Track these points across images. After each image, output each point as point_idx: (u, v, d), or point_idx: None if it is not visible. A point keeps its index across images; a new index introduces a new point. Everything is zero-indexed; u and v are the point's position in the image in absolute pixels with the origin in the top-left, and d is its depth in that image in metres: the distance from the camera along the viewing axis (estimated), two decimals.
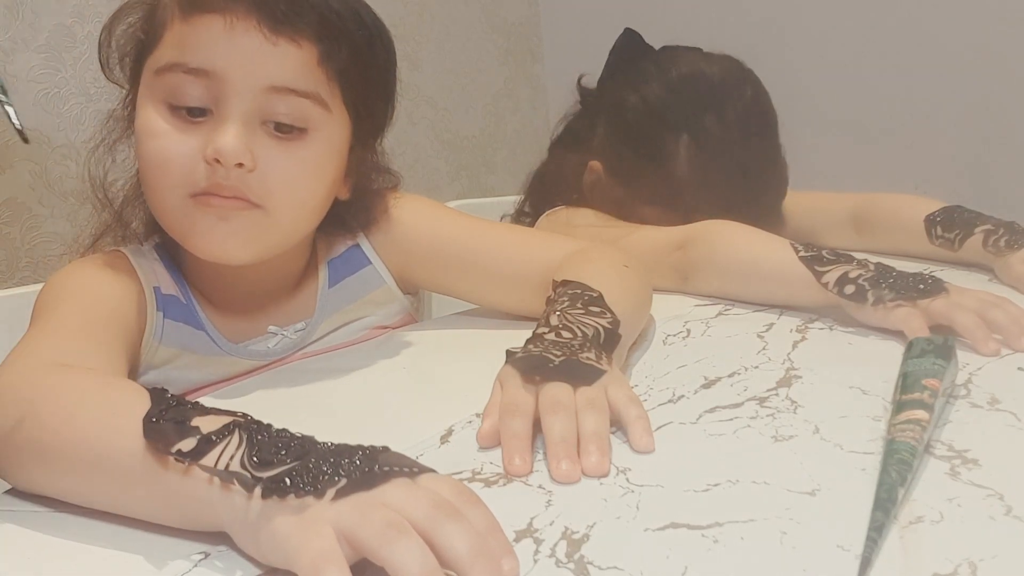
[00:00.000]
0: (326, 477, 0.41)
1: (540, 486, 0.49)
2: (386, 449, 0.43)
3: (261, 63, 0.65)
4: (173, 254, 0.76)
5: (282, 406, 0.67)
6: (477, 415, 0.59)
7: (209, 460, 0.42)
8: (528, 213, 1.16)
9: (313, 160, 0.69)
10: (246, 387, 0.71)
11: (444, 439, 0.57)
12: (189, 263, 0.76)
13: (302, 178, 0.69)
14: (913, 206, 1.03)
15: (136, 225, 0.76)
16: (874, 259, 0.79)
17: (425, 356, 0.79)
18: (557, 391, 0.55)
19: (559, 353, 0.58)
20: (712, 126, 1.03)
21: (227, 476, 0.42)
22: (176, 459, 0.43)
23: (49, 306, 0.66)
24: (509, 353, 0.59)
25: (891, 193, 1.11)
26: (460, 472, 0.51)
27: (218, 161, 0.64)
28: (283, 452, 0.42)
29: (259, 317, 0.78)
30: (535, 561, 0.42)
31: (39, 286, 0.71)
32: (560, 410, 0.53)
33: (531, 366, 0.57)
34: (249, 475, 0.41)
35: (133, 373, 0.71)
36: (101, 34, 0.71)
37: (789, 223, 1.14)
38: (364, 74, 0.72)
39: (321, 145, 0.69)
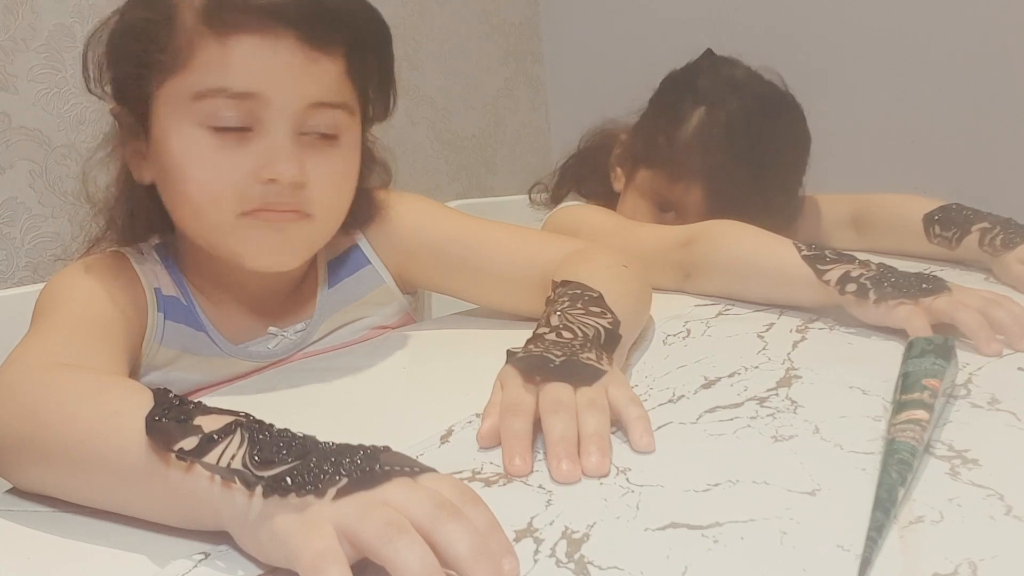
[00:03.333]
0: (327, 476, 0.41)
1: (540, 486, 0.49)
2: (387, 448, 0.43)
3: (303, 81, 0.66)
4: (174, 256, 0.76)
5: (282, 406, 0.67)
6: (477, 415, 0.59)
7: (211, 459, 0.43)
8: (557, 194, 1.19)
9: (348, 164, 0.72)
10: (246, 387, 0.71)
11: (444, 439, 0.57)
12: (191, 265, 0.76)
13: (342, 184, 0.72)
14: (911, 205, 1.03)
15: (127, 229, 0.75)
16: (876, 259, 0.79)
17: (425, 356, 0.79)
18: (558, 391, 0.55)
19: (560, 353, 0.58)
20: (732, 109, 1.04)
21: (228, 474, 0.42)
22: (178, 457, 0.43)
23: (50, 307, 0.66)
24: (510, 353, 0.59)
25: (890, 193, 1.11)
26: (460, 472, 0.51)
27: (273, 180, 0.66)
28: (284, 451, 0.42)
29: (259, 318, 0.78)
30: (535, 561, 0.42)
31: (39, 286, 0.71)
32: (561, 410, 0.53)
33: (532, 366, 0.57)
34: (250, 474, 0.41)
35: (134, 374, 0.71)
36: (88, 47, 0.69)
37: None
38: (381, 75, 0.74)
39: (350, 149, 0.72)
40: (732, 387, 0.63)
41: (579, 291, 0.67)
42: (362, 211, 0.80)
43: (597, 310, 0.65)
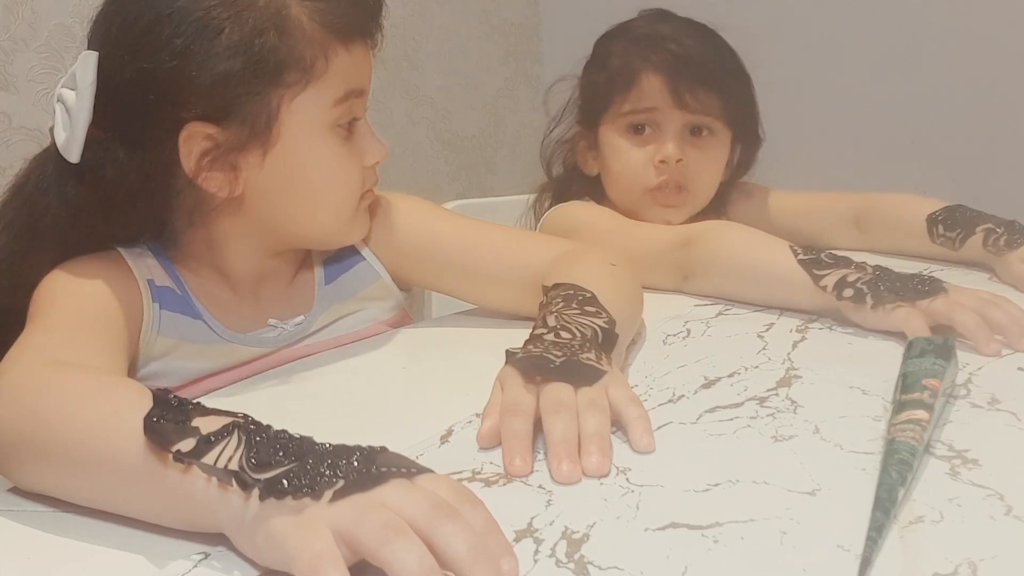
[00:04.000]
0: (324, 479, 0.41)
1: (540, 486, 0.49)
2: (384, 449, 0.43)
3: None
4: (163, 249, 0.75)
5: (282, 406, 0.67)
6: (477, 415, 0.59)
7: (208, 460, 0.42)
8: (542, 207, 1.18)
9: None
10: (246, 386, 0.71)
11: (444, 439, 0.57)
12: (185, 258, 0.75)
13: None
14: (915, 205, 1.03)
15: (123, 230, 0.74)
16: (874, 260, 0.79)
17: (425, 356, 0.79)
18: (559, 391, 0.55)
19: (560, 354, 0.58)
20: (643, 30, 1.10)
21: (225, 476, 0.42)
22: (175, 459, 0.43)
23: (46, 305, 0.66)
24: (509, 353, 0.59)
25: (893, 193, 1.11)
26: (460, 472, 0.51)
27: (378, 163, 0.77)
28: (281, 453, 0.42)
29: (258, 311, 0.78)
30: (535, 561, 0.42)
31: None
32: (562, 410, 0.53)
33: (532, 366, 0.57)
34: (247, 476, 0.41)
35: (133, 366, 0.71)
36: (176, 73, 0.65)
37: (791, 222, 1.15)
38: None
39: None
40: (732, 387, 0.63)
41: (572, 292, 0.67)
42: None
43: (592, 310, 0.65)
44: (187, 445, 0.43)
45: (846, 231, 1.12)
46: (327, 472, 0.41)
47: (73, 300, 0.67)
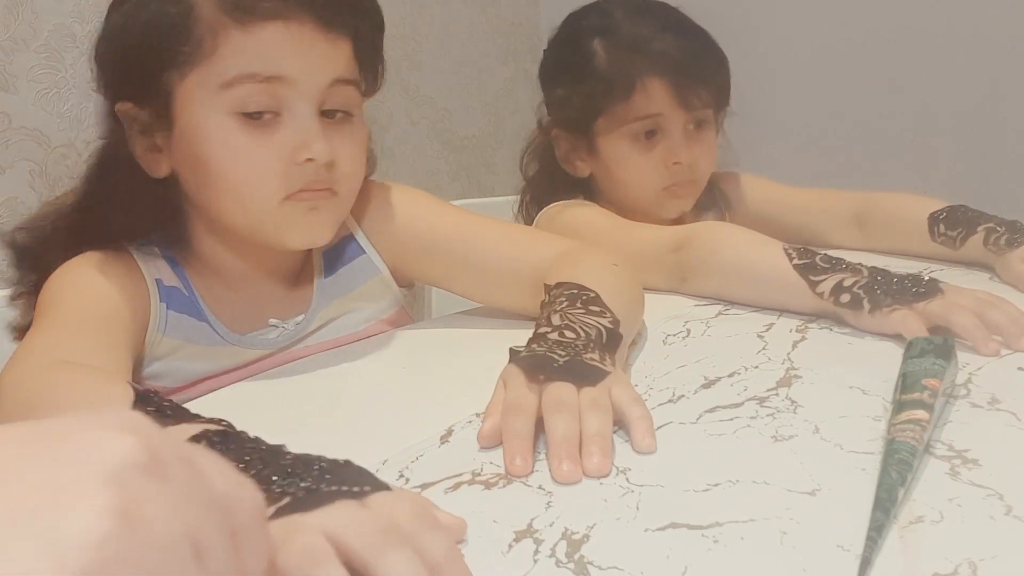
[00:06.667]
0: (273, 495, 0.39)
1: (540, 486, 0.49)
2: (347, 463, 0.42)
3: (324, 61, 0.70)
4: (172, 248, 0.76)
5: (282, 406, 0.67)
6: (477, 415, 0.59)
7: None
8: (529, 214, 1.18)
9: (361, 141, 0.76)
10: (246, 386, 0.71)
11: (444, 439, 0.57)
12: (191, 258, 0.76)
13: (359, 160, 0.76)
14: (916, 204, 1.03)
15: (127, 226, 0.75)
16: (871, 260, 0.79)
17: (425, 356, 0.79)
18: (561, 391, 0.55)
19: (563, 353, 0.58)
20: (621, 24, 1.08)
21: None
22: None
23: (54, 302, 0.66)
24: (513, 352, 0.59)
25: (894, 192, 1.11)
26: (460, 473, 0.51)
27: (310, 160, 0.69)
28: (242, 465, 0.41)
29: (260, 310, 0.78)
30: (535, 561, 0.41)
31: None
32: (564, 410, 0.53)
33: (536, 365, 0.57)
34: None
35: (138, 365, 0.71)
36: (97, 49, 0.70)
37: (794, 218, 1.15)
38: (376, 54, 0.77)
39: (361, 126, 0.75)
40: (732, 387, 0.63)
41: (576, 291, 0.67)
42: (360, 196, 0.81)
43: (597, 309, 0.65)
44: None
45: (847, 230, 1.12)
46: (276, 489, 0.39)
47: (81, 298, 0.67)
